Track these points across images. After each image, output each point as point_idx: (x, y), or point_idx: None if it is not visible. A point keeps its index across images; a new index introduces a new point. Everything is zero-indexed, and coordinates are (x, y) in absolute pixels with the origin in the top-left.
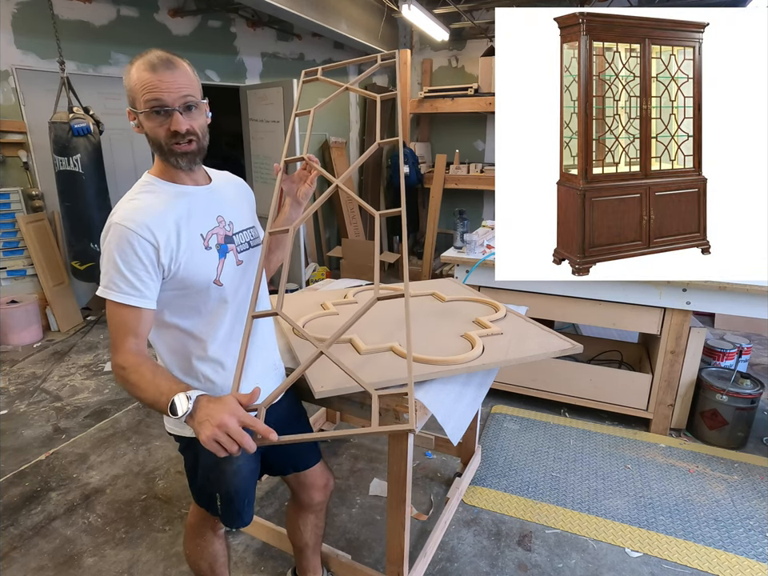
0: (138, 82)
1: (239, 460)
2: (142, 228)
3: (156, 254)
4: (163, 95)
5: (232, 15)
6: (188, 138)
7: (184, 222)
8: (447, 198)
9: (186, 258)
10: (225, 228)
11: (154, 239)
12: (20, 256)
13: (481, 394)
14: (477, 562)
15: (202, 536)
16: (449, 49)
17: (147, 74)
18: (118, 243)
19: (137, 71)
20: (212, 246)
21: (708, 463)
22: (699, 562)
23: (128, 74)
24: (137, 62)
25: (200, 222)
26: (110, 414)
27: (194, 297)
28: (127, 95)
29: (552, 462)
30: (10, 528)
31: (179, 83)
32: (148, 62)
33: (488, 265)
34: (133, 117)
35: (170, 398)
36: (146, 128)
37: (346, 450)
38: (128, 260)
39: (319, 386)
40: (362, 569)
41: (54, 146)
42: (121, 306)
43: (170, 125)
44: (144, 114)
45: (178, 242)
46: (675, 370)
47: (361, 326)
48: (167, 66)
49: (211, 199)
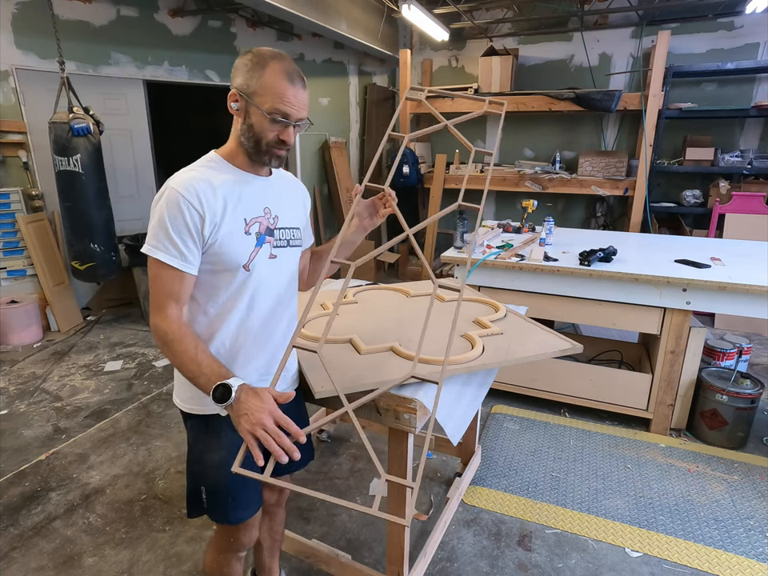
0: (274, 86)
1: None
2: (193, 196)
3: (201, 223)
4: (292, 110)
5: (232, 15)
6: (286, 146)
7: (231, 202)
8: (447, 198)
9: (224, 235)
10: (269, 220)
11: (202, 209)
12: (20, 256)
13: (481, 394)
14: (477, 562)
15: (224, 553)
16: (449, 49)
17: (286, 83)
18: (170, 206)
19: (274, 74)
20: (252, 233)
21: (708, 463)
22: (699, 562)
23: (260, 67)
24: (275, 64)
25: (247, 208)
26: (110, 414)
27: (220, 276)
28: (248, 83)
29: (552, 461)
30: (10, 528)
31: (304, 103)
32: (287, 71)
33: (488, 265)
34: (236, 99)
35: (212, 380)
36: (257, 124)
37: (346, 450)
38: (177, 224)
39: (319, 386)
40: (362, 569)
41: (54, 145)
42: (165, 266)
43: (281, 134)
44: (266, 115)
45: (222, 218)
46: (675, 370)
47: (361, 325)
48: (302, 84)
49: (264, 190)
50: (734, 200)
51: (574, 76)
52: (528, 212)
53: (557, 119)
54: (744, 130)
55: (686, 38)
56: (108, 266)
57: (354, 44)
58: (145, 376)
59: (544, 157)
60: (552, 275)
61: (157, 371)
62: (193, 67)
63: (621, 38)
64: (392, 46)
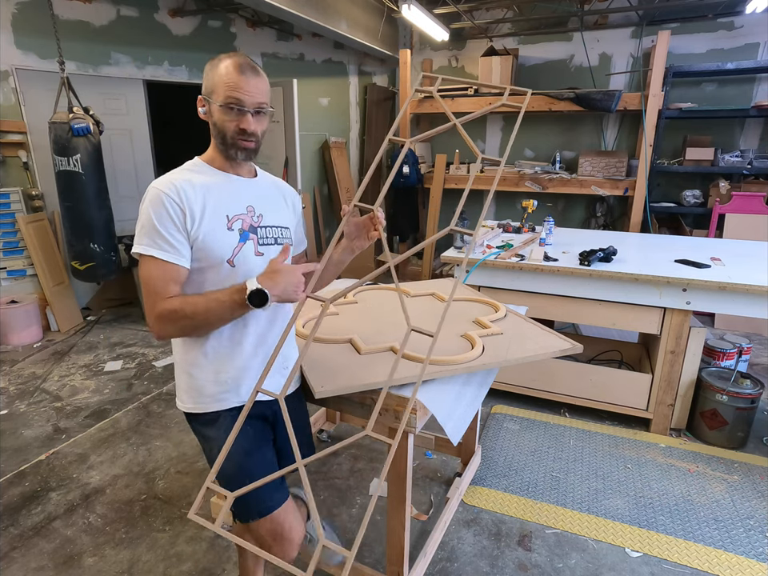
0: (224, 77)
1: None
2: (174, 193)
3: (183, 217)
4: (243, 96)
5: (232, 15)
6: (251, 137)
7: (212, 199)
8: (447, 198)
9: (206, 231)
10: (252, 218)
11: (182, 204)
12: (20, 256)
13: (481, 394)
14: (477, 562)
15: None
16: (449, 49)
17: (235, 73)
18: (154, 205)
19: (225, 68)
20: (235, 229)
21: (708, 463)
22: (699, 562)
23: (214, 68)
24: (226, 61)
25: (228, 205)
26: (110, 414)
27: (206, 273)
28: (206, 85)
29: (552, 461)
30: (10, 528)
31: (258, 89)
32: (237, 63)
33: (488, 265)
34: (203, 104)
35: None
36: (217, 119)
37: (346, 450)
38: (162, 220)
39: (319, 385)
40: (362, 569)
41: (54, 145)
42: (159, 262)
43: (239, 122)
44: (221, 107)
45: (202, 213)
46: (675, 370)
47: (361, 325)
48: (253, 72)
49: (246, 190)
50: (733, 200)
51: (574, 76)
52: (528, 212)
53: (557, 119)
54: (744, 130)
55: (685, 37)
56: (108, 266)
57: (353, 44)
58: (145, 376)
59: (544, 157)
60: (552, 275)
61: (157, 371)
62: (193, 67)
63: (621, 38)
64: (392, 46)
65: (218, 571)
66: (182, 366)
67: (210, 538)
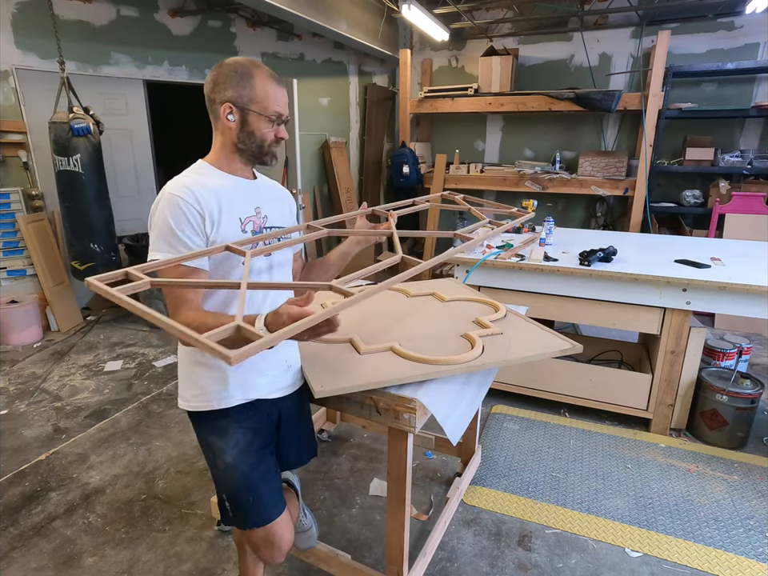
0: (269, 91)
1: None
2: (191, 197)
3: (202, 221)
4: (283, 109)
5: (232, 15)
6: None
7: (226, 202)
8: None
9: (224, 233)
10: (260, 219)
11: (201, 208)
12: (20, 256)
13: (481, 394)
14: (477, 562)
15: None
16: (449, 49)
17: (276, 87)
18: (171, 210)
19: (263, 81)
20: (248, 231)
21: (708, 463)
22: (699, 562)
23: (248, 78)
24: (259, 72)
25: (240, 207)
26: (110, 414)
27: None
28: (241, 94)
29: (552, 461)
30: (10, 528)
31: (286, 101)
32: (273, 77)
33: (488, 265)
34: (229, 111)
35: None
36: (256, 128)
37: (346, 450)
38: (181, 225)
39: (319, 385)
40: (362, 569)
41: (54, 145)
42: (180, 267)
43: (277, 132)
44: (265, 118)
45: (219, 217)
46: (675, 370)
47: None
48: (282, 84)
49: (252, 192)
50: (733, 200)
51: (574, 76)
52: (528, 212)
53: (557, 119)
54: (744, 130)
55: (685, 37)
56: (108, 266)
57: (354, 44)
58: (145, 376)
59: (544, 157)
60: (552, 275)
61: (157, 371)
62: (193, 67)
63: (621, 37)
64: (392, 46)
65: (217, 571)
66: (186, 364)
67: (210, 538)
